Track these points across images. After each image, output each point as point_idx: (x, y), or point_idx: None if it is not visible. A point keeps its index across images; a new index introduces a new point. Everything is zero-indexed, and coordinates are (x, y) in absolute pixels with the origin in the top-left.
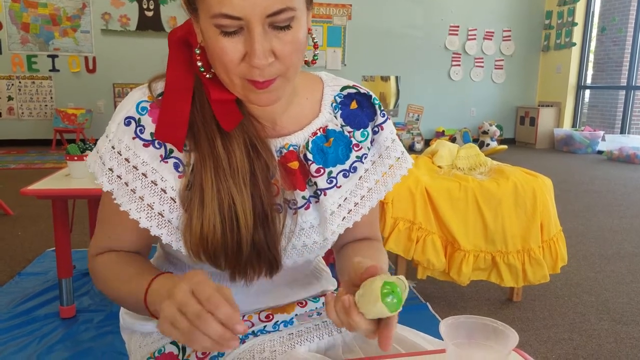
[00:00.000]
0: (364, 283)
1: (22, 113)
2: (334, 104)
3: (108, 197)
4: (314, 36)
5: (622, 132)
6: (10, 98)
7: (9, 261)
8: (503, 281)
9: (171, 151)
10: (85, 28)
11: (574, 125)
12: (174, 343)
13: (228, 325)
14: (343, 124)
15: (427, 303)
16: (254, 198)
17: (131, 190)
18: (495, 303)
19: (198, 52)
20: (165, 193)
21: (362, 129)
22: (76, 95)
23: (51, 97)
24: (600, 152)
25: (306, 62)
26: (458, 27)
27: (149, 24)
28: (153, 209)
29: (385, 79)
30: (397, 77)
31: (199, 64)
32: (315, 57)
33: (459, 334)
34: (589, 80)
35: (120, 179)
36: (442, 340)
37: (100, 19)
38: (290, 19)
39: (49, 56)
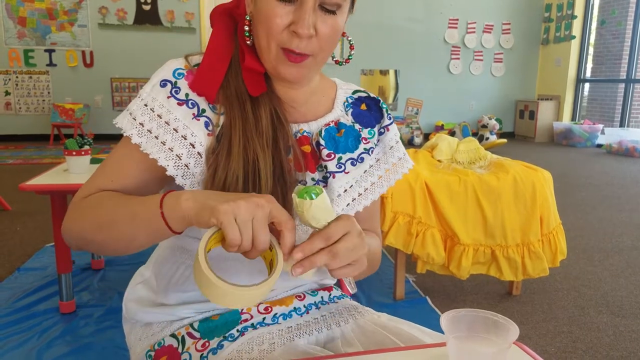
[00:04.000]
0: (295, 211)
1: (20, 108)
2: (345, 103)
3: (124, 144)
4: (350, 38)
5: (621, 125)
6: (7, 93)
7: (8, 257)
8: (502, 275)
9: (203, 110)
10: (82, 22)
11: (573, 119)
12: (173, 336)
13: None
14: (353, 121)
15: (427, 297)
16: (275, 161)
17: (161, 142)
18: (495, 297)
19: (248, 18)
20: (194, 147)
21: (369, 128)
22: (74, 90)
23: (48, 92)
24: (599, 146)
25: (338, 62)
26: (457, 20)
27: (147, 17)
28: (181, 159)
29: (384, 72)
30: (396, 71)
31: (246, 28)
32: (350, 57)
33: (460, 328)
34: (588, 74)
35: (151, 132)
36: (441, 333)
37: (97, 13)
38: (338, 5)
39: (46, 50)
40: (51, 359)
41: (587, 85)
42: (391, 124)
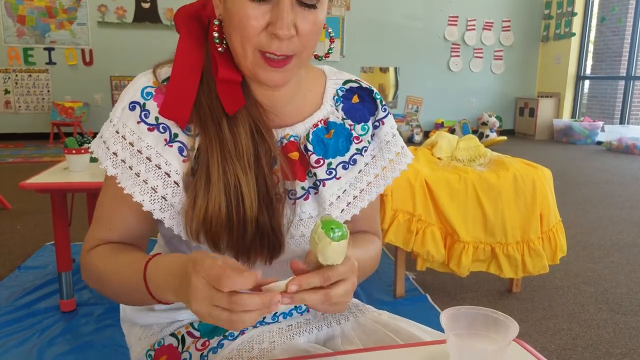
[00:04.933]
0: (311, 234)
1: (19, 106)
2: (335, 97)
3: (110, 184)
4: (330, 30)
5: (621, 122)
6: (7, 91)
7: (8, 255)
8: (502, 272)
9: (175, 135)
10: (81, 20)
11: (573, 116)
12: (173, 335)
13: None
14: (344, 117)
15: (427, 294)
16: (258, 180)
17: (135, 173)
18: (495, 294)
19: (217, 22)
20: (169, 177)
21: (362, 123)
22: (73, 88)
23: (48, 90)
24: (599, 143)
25: (317, 57)
26: (457, 17)
27: (146, 15)
28: (156, 192)
29: (384, 70)
30: (396, 69)
31: (215, 34)
32: (330, 51)
33: (460, 325)
34: (588, 71)
35: (125, 162)
36: (440, 331)
37: (96, 11)
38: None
39: (45, 49)
40: (52, 358)
41: (587, 83)
42: (386, 116)
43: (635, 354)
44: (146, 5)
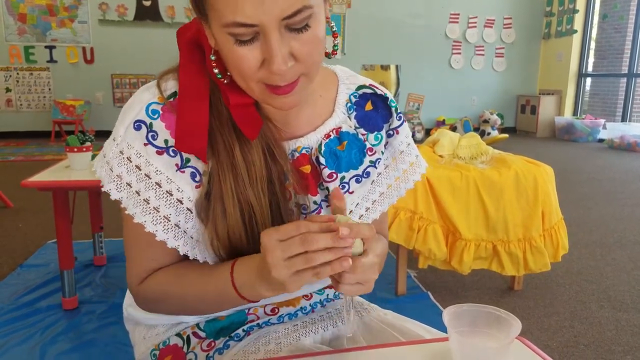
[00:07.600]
0: None
1: (21, 105)
2: (348, 104)
3: (131, 219)
4: (332, 24)
5: (623, 120)
6: (8, 90)
7: (10, 253)
8: (504, 270)
9: (188, 160)
10: (82, 18)
11: (575, 114)
12: (178, 335)
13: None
14: (357, 126)
15: (428, 292)
16: (272, 204)
17: (144, 200)
18: (497, 292)
19: (213, 58)
20: (182, 204)
21: (376, 132)
22: (74, 86)
23: (49, 89)
24: (601, 141)
25: (327, 54)
26: (458, 14)
27: (147, 14)
28: (170, 220)
29: (385, 67)
30: (397, 66)
31: (215, 70)
32: (335, 47)
33: (462, 322)
34: (590, 68)
35: (131, 187)
36: (444, 331)
37: (97, 9)
38: (308, 17)
39: (46, 47)
40: (54, 355)
41: (588, 80)
42: (401, 125)
43: (638, 351)
44: (147, 3)
